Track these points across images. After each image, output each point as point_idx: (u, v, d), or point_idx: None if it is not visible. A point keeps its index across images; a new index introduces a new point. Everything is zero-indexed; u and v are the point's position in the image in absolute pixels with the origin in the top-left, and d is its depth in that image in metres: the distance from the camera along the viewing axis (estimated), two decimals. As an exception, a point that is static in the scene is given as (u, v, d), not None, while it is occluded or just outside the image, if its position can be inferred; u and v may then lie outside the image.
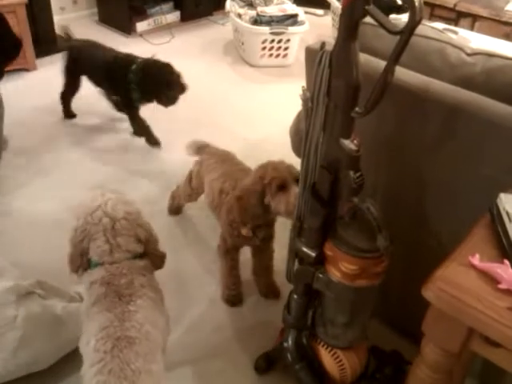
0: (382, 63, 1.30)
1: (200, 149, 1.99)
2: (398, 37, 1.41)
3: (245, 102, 3.17)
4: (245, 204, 1.58)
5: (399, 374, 1.46)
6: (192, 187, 2.03)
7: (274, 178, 1.51)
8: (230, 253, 1.76)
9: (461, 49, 1.34)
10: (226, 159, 1.90)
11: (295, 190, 1.47)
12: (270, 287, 1.86)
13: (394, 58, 1.02)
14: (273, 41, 3.44)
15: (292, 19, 3.48)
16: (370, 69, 1.22)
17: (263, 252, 1.80)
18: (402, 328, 1.67)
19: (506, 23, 3.92)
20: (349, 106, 1.10)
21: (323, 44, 1.13)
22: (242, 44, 3.56)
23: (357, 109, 1.10)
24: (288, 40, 3.46)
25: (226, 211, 1.69)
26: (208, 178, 1.87)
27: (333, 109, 1.12)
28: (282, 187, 1.51)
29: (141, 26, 3.90)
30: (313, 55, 1.44)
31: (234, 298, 1.83)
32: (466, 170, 1.24)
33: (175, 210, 2.23)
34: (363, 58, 1.13)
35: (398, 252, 1.18)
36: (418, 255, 1.46)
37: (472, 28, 3.99)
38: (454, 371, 1.03)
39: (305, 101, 1.17)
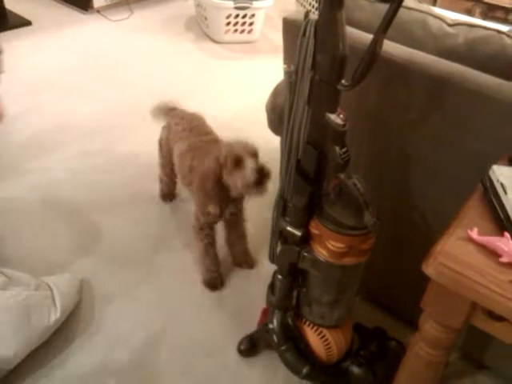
0: (364, 34, 1.28)
1: (168, 111, 1.92)
2: (376, 9, 1.40)
3: (211, 80, 3.09)
4: (206, 185, 1.57)
5: (383, 350, 1.45)
6: (163, 156, 1.97)
7: (228, 156, 1.49)
8: (204, 230, 1.72)
9: (442, 19, 1.32)
10: (194, 126, 1.83)
11: (251, 163, 1.47)
12: (244, 256, 1.84)
13: (383, 28, 0.98)
14: (237, 16, 3.34)
15: (256, -7, 3.39)
16: (353, 40, 1.17)
17: (235, 225, 1.79)
18: (384, 304, 1.67)
19: (467, -2, 3.96)
20: (335, 79, 1.05)
21: (307, 13, 1.08)
22: (206, 19, 3.46)
23: (343, 81, 1.06)
24: (253, 15, 3.37)
25: (195, 189, 1.66)
26: (177, 149, 1.80)
27: (318, 82, 1.07)
28: (238, 163, 1.49)
29: (97, 1, 3.70)
30: (291, 26, 1.39)
31: (215, 281, 1.78)
32: (452, 143, 1.22)
33: (167, 194, 2.13)
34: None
35: (380, 228, 1.16)
36: (402, 232, 1.45)
37: (434, 3, 4.01)
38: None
39: (288, 73, 1.12)
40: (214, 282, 1.78)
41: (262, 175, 1.47)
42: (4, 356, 1.41)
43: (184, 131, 1.81)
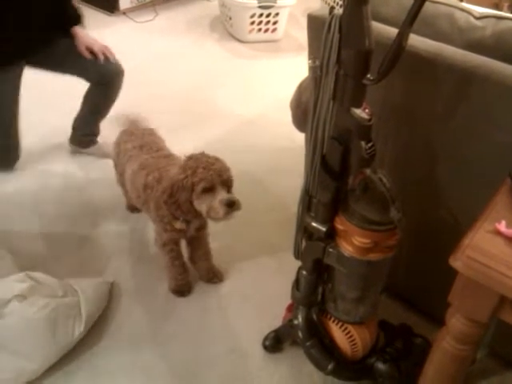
0: (390, 29, 1.27)
1: (131, 123, 1.89)
2: (402, 4, 1.39)
3: (235, 79, 3.11)
4: (176, 200, 1.50)
5: (409, 347, 1.44)
6: (119, 173, 1.89)
7: (202, 180, 1.45)
8: (167, 245, 1.67)
9: (469, 12, 1.30)
10: (144, 143, 1.77)
11: (221, 195, 1.45)
12: (211, 271, 1.81)
13: (409, 22, 0.97)
14: (261, 15, 3.36)
15: (280, -8, 3.40)
16: (379, 35, 1.17)
17: (199, 240, 1.75)
18: (410, 301, 1.65)
19: (495, -7, 3.89)
20: (360, 73, 1.05)
21: (332, 9, 1.08)
22: (230, 19, 3.48)
23: (369, 76, 1.05)
24: (277, 14, 3.39)
25: (154, 207, 1.60)
26: (128, 169, 1.73)
27: (343, 76, 1.07)
28: (209, 190, 1.46)
29: (123, 3, 3.78)
30: (316, 22, 1.39)
31: (181, 288, 1.76)
32: (479, 136, 1.21)
33: (134, 206, 2.03)
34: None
35: (406, 223, 1.15)
36: (428, 226, 1.43)
37: (461, -1, 3.95)
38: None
39: (313, 68, 1.12)
40: (181, 289, 1.76)
41: (230, 207, 1.46)
42: (30, 370, 1.44)
43: (134, 149, 1.75)
